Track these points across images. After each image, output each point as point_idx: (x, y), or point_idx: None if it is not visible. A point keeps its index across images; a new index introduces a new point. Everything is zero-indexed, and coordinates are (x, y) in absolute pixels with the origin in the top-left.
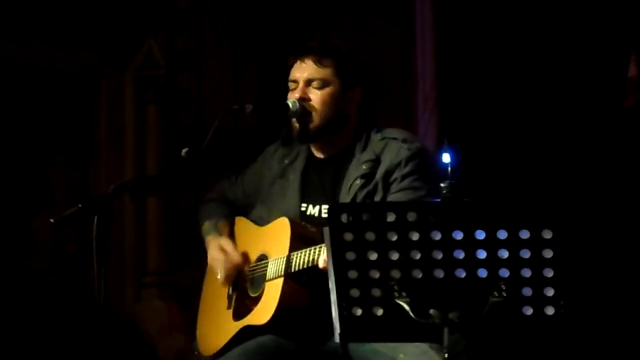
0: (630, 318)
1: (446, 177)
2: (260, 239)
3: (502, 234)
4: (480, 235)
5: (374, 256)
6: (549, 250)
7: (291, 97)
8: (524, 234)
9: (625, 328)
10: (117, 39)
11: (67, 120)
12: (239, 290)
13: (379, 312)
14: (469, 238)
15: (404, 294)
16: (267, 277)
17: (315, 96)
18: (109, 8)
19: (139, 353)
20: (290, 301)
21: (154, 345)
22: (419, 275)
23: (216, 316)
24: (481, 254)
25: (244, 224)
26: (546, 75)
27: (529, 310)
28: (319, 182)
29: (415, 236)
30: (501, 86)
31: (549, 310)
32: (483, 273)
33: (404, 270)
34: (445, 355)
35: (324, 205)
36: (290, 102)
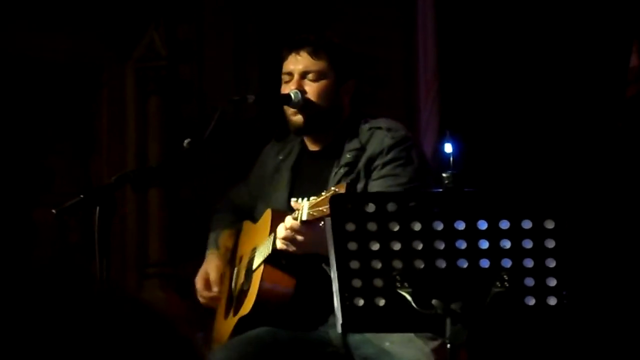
0: (632, 309)
1: (447, 167)
2: (253, 235)
3: (505, 224)
4: (482, 225)
5: (376, 246)
6: (552, 240)
7: (285, 90)
8: (527, 224)
9: (628, 319)
10: (119, 30)
11: (69, 112)
12: (239, 287)
13: (381, 303)
14: (471, 228)
15: (406, 284)
16: (254, 268)
17: (311, 88)
18: None
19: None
20: (273, 286)
21: None
22: (421, 266)
23: (223, 313)
24: (483, 244)
25: (248, 226)
26: (548, 65)
27: (531, 301)
28: (310, 175)
29: (417, 226)
30: (503, 76)
31: (552, 301)
32: (485, 263)
33: (406, 260)
34: (448, 346)
35: (313, 197)
36: (292, 93)
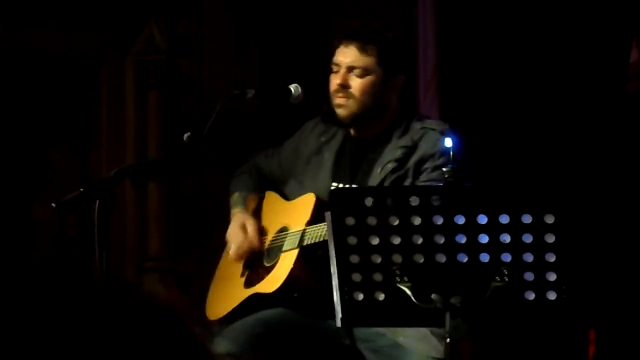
0: (632, 304)
1: (447, 162)
2: (285, 212)
3: (505, 219)
4: (482, 219)
5: (375, 241)
6: (551, 234)
7: (333, 80)
8: (526, 219)
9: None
10: (118, 23)
11: (68, 106)
12: (254, 259)
13: (381, 297)
14: (471, 222)
15: (405, 278)
16: (284, 249)
17: (356, 83)
18: None
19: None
20: (301, 274)
21: None
22: (421, 260)
23: (228, 282)
24: (483, 239)
25: (273, 198)
26: (549, 60)
27: (531, 295)
28: (352, 163)
29: (417, 221)
30: (503, 72)
31: (551, 295)
32: (485, 258)
33: (406, 254)
34: (447, 340)
35: (353, 185)
36: (293, 87)
